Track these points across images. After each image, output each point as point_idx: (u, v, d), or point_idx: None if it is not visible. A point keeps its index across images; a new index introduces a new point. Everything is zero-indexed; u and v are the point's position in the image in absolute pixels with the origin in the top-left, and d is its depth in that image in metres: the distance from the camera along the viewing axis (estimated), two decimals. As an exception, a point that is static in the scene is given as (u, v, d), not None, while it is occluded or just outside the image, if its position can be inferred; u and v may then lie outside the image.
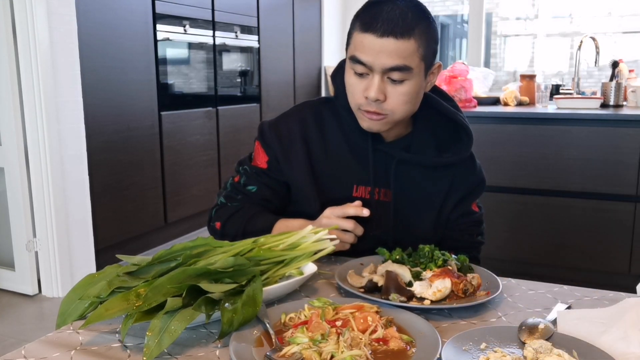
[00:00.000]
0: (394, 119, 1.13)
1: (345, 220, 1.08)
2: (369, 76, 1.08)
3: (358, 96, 1.10)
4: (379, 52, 1.04)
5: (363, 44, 1.06)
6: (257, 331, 0.79)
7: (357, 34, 1.07)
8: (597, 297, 0.96)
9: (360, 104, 1.11)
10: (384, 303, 0.88)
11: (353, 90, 1.11)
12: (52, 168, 2.60)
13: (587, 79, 4.85)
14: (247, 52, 4.17)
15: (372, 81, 1.07)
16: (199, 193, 3.68)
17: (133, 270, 0.89)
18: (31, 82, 2.53)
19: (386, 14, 1.05)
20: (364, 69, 1.07)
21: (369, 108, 1.09)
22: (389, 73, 1.06)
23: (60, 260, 2.68)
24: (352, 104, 1.14)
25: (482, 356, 0.72)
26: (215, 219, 1.27)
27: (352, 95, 1.12)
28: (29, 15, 2.47)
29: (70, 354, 0.76)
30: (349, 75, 1.12)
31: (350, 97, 1.13)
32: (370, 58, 1.05)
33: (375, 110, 1.09)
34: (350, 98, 1.13)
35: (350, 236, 1.09)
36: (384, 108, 1.09)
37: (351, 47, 1.09)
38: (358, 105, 1.12)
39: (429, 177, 1.22)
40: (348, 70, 1.12)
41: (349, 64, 1.11)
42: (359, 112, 1.13)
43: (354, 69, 1.09)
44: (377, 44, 1.04)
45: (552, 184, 2.71)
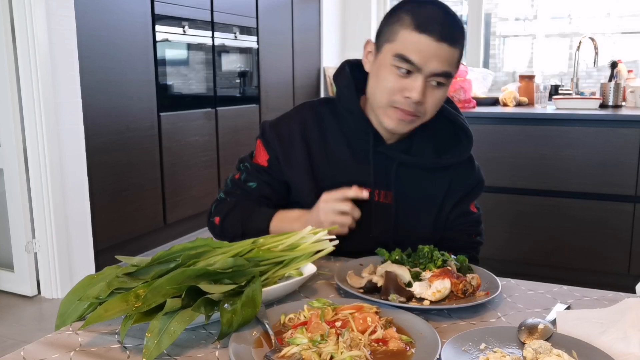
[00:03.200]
0: (422, 121, 1.13)
1: (342, 202, 1.08)
2: (411, 76, 1.06)
3: (395, 94, 1.08)
4: (433, 56, 1.04)
5: (417, 45, 1.04)
6: (256, 332, 0.79)
7: (408, 33, 1.05)
8: (597, 297, 0.96)
9: (395, 102, 1.09)
10: (383, 304, 0.88)
11: (391, 87, 1.08)
12: (51, 169, 2.60)
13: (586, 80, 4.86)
14: (246, 52, 4.17)
15: (416, 82, 1.05)
16: (199, 194, 3.68)
17: (132, 271, 0.89)
18: (30, 83, 2.53)
19: (441, 18, 1.05)
20: (410, 68, 1.05)
21: (407, 107, 1.08)
22: (433, 77, 1.06)
23: (60, 261, 2.68)
24: (382, 100, 1.10)
25: (482, 356, 0.72)
26: (214, 214, 1.26)
27: (388, 91, 1.09)
28: (27, 16, 2.47)
29: (70, 355, 0.75)
30: (386, 71, 1.08)
31: (382, 93, 1.10)
32: (422, 60, 1.04)
33: (412, 111, 1.09)
34: (383, 94, 1.10)
35: (348, 218, 1.08)
36: (419, 110, 1.09)
37: (397, 44, 1.06)
38: (391, 103, 1.09)
39: (429, 178, 1.22)
40: (386, 66, 1.08)
41: (390, 60, 1.07)
42: (390, 109, 1.10)
43: (397, 65, 1.06)
44: (433, 47, 1.04)
45: (551, 184, 2.71)
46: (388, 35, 1.08)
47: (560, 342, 0.75)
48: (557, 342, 0.75)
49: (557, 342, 0.75)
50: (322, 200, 1.10)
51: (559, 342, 0.76)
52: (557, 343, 0.75)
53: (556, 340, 0.77)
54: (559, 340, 0.77)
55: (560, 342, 0.76)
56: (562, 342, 0.76)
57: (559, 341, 0.76)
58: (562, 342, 0.76)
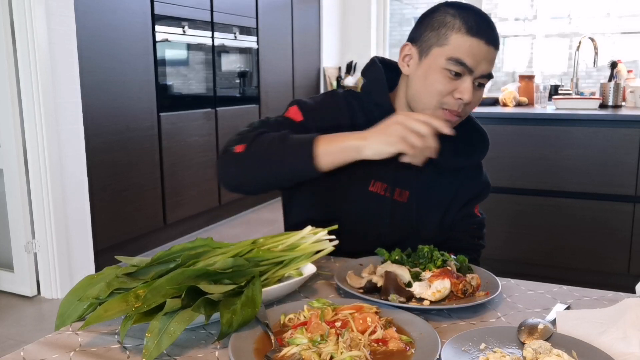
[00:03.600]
0: (459, 122, 1.15)
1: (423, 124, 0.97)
2: (460, 78, 1.09)
3: (445, 95, 1.10)
4: (483, 58, 1.08)
5: (471, 48, 1.07)
6: (256, 332, 0.79)
7: (460, 36, 1.07)
8: (597, 297, 0.96)
9: (445, 103, 1.10)
10: (383, 304, 0.88)
11: (441, 89, 1.09)
12: (51, 169, 2.60)
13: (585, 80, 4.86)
14: (246, 53, 4.17)
15: (467, 84, 1.08)
16: (198, 194, 3.68)
17: (132, 271, 0.89)
18: (30, 83, 2.53)
19: (487, 23, 1.09)
20: (462, 71, 1.08)
21: (455, 108, 1.10)
22: (480, 78, 1.10)
23: (59, 261, 2.68)
24: (431, 103, 1.11)
25: (482, 357, 0.72)
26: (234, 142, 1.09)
27: (439, 93, 1.10)
28: (27, 16, 2.47)
29: (70, 355, 0.75)
30: (438, 74, 1.09)
31: (433, 96, 1.10)
32: (474, 62, 1.07)
33: (459, 112, 1.11)
34: (433, 96, 1.10)
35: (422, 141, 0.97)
36: (465, 110, 1.12)
37: (449, 48, 1.08)
38: (441, 104, 1.11)
39: (442, 179, 1.24)
40: (437, 69, 1.09)
41: (443, 64, 1.08)
42: (438, 111, 1.11)
43: (450, 68, 1.08)
44: (484, 50, 1.08)
45: (551, 184, 2.71)
46: (435, 40, 1.10)
47: (560, 342, 0.75)
48: (557, 342, 0.75)
49: (557, 342, 0.75)
50: (399, 115, 1.01)
51: (558, 342, 0.76)
52: (557, 343, 0.75)
53: (556, 340, 0.77)
54: (559, 340, 0.77)
55: (560, 342, 0.76)
56: (562, 342, 0.75)
57: (558, 341, 0.76)
58: (562, 342, 0.76)
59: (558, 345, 0.74)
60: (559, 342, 0.75)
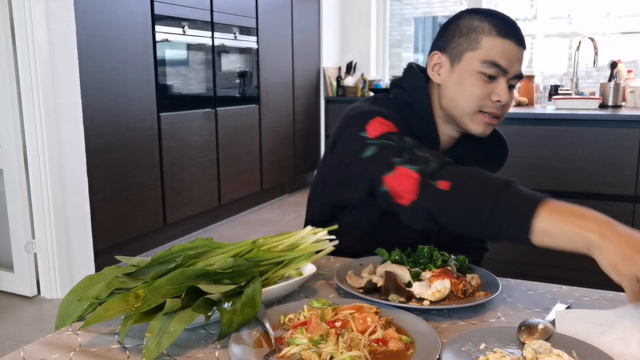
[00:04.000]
0: (498, 124, 1.16)
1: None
2: (495, 80, 1.10)
3: (483, 99, 1.11)
4: (515, 59, 1.10)
5: (503, 50, 1.08)
6: (256, 332, 0.79)
7: (491, 39, 1.09)
8: (597, 297, 0.96)
9: (484, 106, 1.11)
10: (383, 304, 0.88)
11: (479, 93, 1.10)
12: (51, 169, 2.60)
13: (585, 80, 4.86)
14: (246, 53, 4.17)
15: (502, 85, 1.10)
16: (198, 194, 3.68)
17: (132, 271, 0.89)
18: (30, 83, 2.53)
19: (514, 24, 1.11)
20: (497, 73, 1.09)
21: (494, 110, 1.12)
22: (512, 80, 1.11)
23: (59, 261, 2.68)
24: (469, 107, 1.12)
25: (482, 357, 0.72)
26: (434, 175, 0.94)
27: (476, 97, 1.11)
28: (27, 16, 2.47)
29: (70, 355, 0.75)
30: (473, 77, 1.10)
31: (470, 100, 1.11)
32: (508, 64, 1.09)
33: (498, 114, 1.13)
34: (471, 101, 1.11)
35: None
36: (503, 111, 1.13)
37: (482, 51, 1.09)
38: (480, 108, 1.11)
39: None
40: (472, 73, 1.10)
41: (477, 67, 1.09)
42: (477, 115, 1.12)
43: (485, 72, 1.09)
44: (515, 51, 1.10)
45: (551, 184, 2.71)
46: (467, 44, 1.11)
47: (560, 342, 0.75)
48: (557, 342, 0.75)
49: (557, 342, 0.75)
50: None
51: (558, 342, 0.76)
52: (557, 343, 0.75)
53: (556, 340, 0.77)
54: (559, 340, 0.77)
55: (560, 342, 0.76)
56: (562, 342, 0.75)
57: (558, 341, 0.76)
58: (562, 342, 0.76)
59: (558, 345, 0.74)
60: (559, 342, 0.75)
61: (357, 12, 5.54)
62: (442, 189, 0.92)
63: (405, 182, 0.96)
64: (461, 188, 0.92)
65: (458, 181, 0.92)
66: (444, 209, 0.92)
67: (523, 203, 0.86)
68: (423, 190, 0.94)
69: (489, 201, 0.88)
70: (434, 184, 0.93)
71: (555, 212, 0.84)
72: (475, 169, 0.96)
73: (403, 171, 0.96)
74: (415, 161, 0.97)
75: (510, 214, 0.86)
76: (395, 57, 5.95)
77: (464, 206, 0.91)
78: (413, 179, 0.95)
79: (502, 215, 0.87)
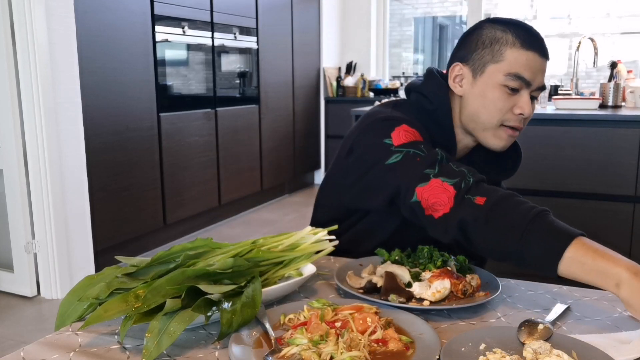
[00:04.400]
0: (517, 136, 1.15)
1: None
2: (517, 93, 1.08)
3: (507, 112, 1.09)
4: (539, 70, 1.08)
5: (527, 62, 1.07)
6: (256, 332, 0.79)
7: (515, 51, 1.07)
8: (596, 298, 0.96)
9: (507, 120, 1.10)
10: (383, 304, 0.88)
11: (501, 106, 1.09)
12: (50, 169, 2.60)
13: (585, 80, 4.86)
14: (246, 53, 4.17)
15: (525, 98, 1.08)
16: (198, 194, 3.68)
17: (132, 271, 0.89)
18: (30, 84, 2.53)
19: (537, 35, 1.09)
20: (520, 85, 1.08)
21: (517, 124, 1.10)
22: (535, 91, 1.09)
23: (59, 261, 2.68)
24: (492, 121, 1.10)
25: (482, 357, 0.72)
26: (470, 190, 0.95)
27: (499, 110, 1.09)
28: (27, 16, 2.47)
29: (69, 355, 0.75)
30: (496, 90, 1.08)
31: (494, 113, 1.09)
32: (532, 76, 1.07)
33: (520, 127, 1.11)
34: (495, 114, 1.09)
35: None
36: (524, 124, 1.12)
37: (506, 64, 1.07)
38: (502, 121, 1.10)
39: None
40: (495, 85, 1.08)
41: (501, 80, 1.07)
42: (500, 129, 1.11)
43: (508, 84, 1.07)
44: (539, 62, 1.08)
45: (551, 184, 2.71)
46: (490, 57, 1.09)
47: (560, 343, 0.75)
48: (556, 343, 0.75)
49: (557, 343, 0.75)
50: None
51: (558, 342, 0.76)
52: (557, 343, 0.75)
53: (556, 340, 0.77)
54: (559, 340, 0.77)
55: (560, 342, 0.76)
56: (562, 343, 0.75)
57: (558, 341, 0.76)
58: (561, 342, 0.76)
59: (558, 346, 0.74)
60: (559, 343, 0.75)
61: (357, 12, 5.54)
62: (478, 204, 0.93)
63: (440, 195, 0.96)
64: (497, 206, 0.92)
65: (494, 199, 0.93)
66: (478, 222, 0.92)
67: (558, 233, 0.87)
68: (458, 203, 0.94)
69: (524, 224, 0.88)
70: (471, 199, 0.94)
71: (589, 247, 0.86)
72: (509, 192, 0.96)
73: (439, 184, 0.97)
74: (452, 175, 0.97)
75: (543, 239, 0.87)
76: (395, 57, 5.95)
77: (497, 224, 0.91)
78: (449, 192, 0.95)
79: (535, 239, 0.88)
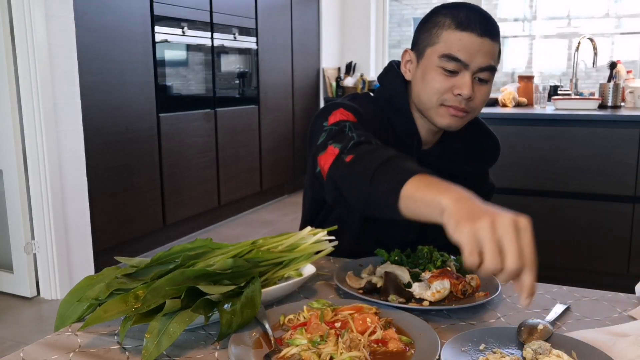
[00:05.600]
0: (470, 118, 1.15)
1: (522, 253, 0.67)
2: (458, 74, 1.08)
3: (444, 93, 1.10)
4: (478, 51, 1.07)
5: (461, 42, 1.07)
6: (256, 333, 0.79)
7: (450, 32, 1.08)
8: (596, 298, 0.96)
9: (446, 100, 1.10)
10: (382, 304, 0.88)
11: (439, 87, 1.10)
12: (50, 170, 2.59)
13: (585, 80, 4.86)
14: (246, 53, 4.17)
15: (465, 79, 1.08)
16: (198, 195, 3.68)
17: (131, 272, 0.89)
18: (29, 84, 2.52)
19: (479, 16, 1.08)
20: (457, 67, 1.08)
21: (458, 104, 1.10)
22: (479, 73, 1.09)
23: (59, 262, 2.68)
24: (431, 101, 1.12)
25: (481, 357, 0.72)
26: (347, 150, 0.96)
27: (436, 91, 1.10)
28: (27, 17, 2.47)
29: (69, 356, 0.75)
30: (433, 72, 1.10)
31: (432, 94, 1.11)
32: (467, 56, 1.07)
33: (464, 107, 1.10)
34: (432, 95, 1.11)
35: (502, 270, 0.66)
36: (470, 106, 1.11)
37: (441, 45, 1.08)
38: (441, 101, 1.11)
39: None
40: (432, 67, 1.10)
41: (436, 62, 1.09)
42: (441, 108, 1.11)
43: (444, 66, 1.08)
44: (477, 43, 1.07)
45: (550, 184, 2.71)
46: (428, 40, 1.11)
47: (559, 343, 0.75)
48: (556, 343, 0.75)
49: (557, 343, 0.75)
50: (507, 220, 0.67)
51: (558, 342, 0.76)
52: (557, 343, 0.75)
53: (555, 340, 0.77)
54: (559, 340, 0.77)
55: (559, 342, 0.76)
56: (562, 343, 0.75)
57: (558, 341, 0.76)
58: (561, 342, 0.76)
59: (558, 346, 0.74)
60: (559, 343, 0.75)
61: (357, 13, 5.54)
62: (346, 161, 0.95)
63: (329, 159, 1.00)
64: (358, 160, 0.93)
65: (359, 155, 0.94)
66: (343, 179, 0.95)
67: (398, 173, 0.84)
68: (334, 163, 0.98)
69: (372, 171, 0.88)
70: (343, 158, 0.96)
71: (423, 181, 0.80)
72: (385, 147, 0.96)
73: (330, 150, 1.00)
74: (341, 140, 1.00)
75: (386, 181, 0.86)
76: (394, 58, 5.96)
77: (354, 177, 0.93)
78: (334, 155, 0.99)
79: (380, 181, 0.87)
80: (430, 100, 1.12)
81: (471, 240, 0.66)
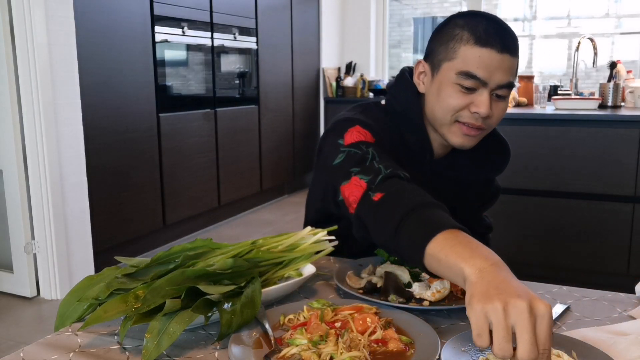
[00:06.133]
0: (484, 134, 1.11)
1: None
2: (475, 92, 1.04)
3: (460, 110, 1.06)
4: (497, 68, 1.02)
5: (481, 59, 1.01)
6: (256, 333, 0.79)
7: (469, 48, 1.02)
8: (596, 298, 0.96)
9: (461, 116, 1.06)
10: (382, 304, 0.88)
11: (455, 104, 1.05)
12: (50, 170, 2.60)
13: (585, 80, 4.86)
14: (246, 53, 4.17)
15: (482, 97, 1.03)
16: (198, 195, 3.68)
17: (131, 272, 0.89)
18: (29, 84, 2.53)
19: (498, 29, 1.03)
20: (475, 84, 1.03)
21: (474, 122, 1.06)
22: (497, 90, 1.04)
23: (59, 262, 2.68)
24: (446, 118, 1.07)
25: (481, 357, 0.72)
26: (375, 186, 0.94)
27: (452, 108, 1.06)
28: (27, 17, 2.47)
29: (69, 356, 0.75)
30: (449, 88, 1.05)
31: (447, 111, 1.07)
32: (486, 74, 1.02)
33: (480, 125, 1.06)
34: (447, 111, 1.07)
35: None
36: (487, 123, 1.07)
37: (458, 62, 1.03)
38: (456, 118, 1.07)
39: (464, 190, 1.24)
40: (449, 83, 1.05)
41: (453, 78, 1.04)
42: (455, 125, 1.08)
43: (461, 83, 1.03)
44: (496, 59, 1.02)
45: (551, 184, 2.71)
46: (445, 54, 1.06)
47: (560, 342, 0.75)
48: (556, 343, 0.75)
49: (557, 342, 0.75)
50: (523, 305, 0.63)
51: (558, 342, 0.76)
52: (557, 343, 0.75)
53: (556, 340, 0.77)
54: (559, 340, 0.76)
55: (560, 342, 0.76)
56: (562, 342, 0.75)
57: (558, 341, 0.76)
58: (561, 342, 0.76)
59: (558, 345, 0.74)
60: (559, 342, 0.75)
61: (357, 13, 5.54)
62: (374, 200, 0.92)
63: (355, 191, 0.96)
64: (386, 202, 0.91)
65: (388, 194, 0.91)
66: (370, 221, 0.92)
67: (424, 227, 0.82)
68: (362, 200, 0.94)
69: (398, 218, 0.86)
70: (371, 195, 0.93)
71: (449, 241, 0.77)
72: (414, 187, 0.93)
73: (356, 181, 0.97)
74: (368, 171, 0.97)
75: (410, 234, 0.84)
76: (394, 58, 5.95)
77: (381, 223, 0.90)
78: (362, 188, 0.95)
79: (403, 235, 0.85)
80: (444, 116, 1.08)
81: (481, 321, 0.63)
